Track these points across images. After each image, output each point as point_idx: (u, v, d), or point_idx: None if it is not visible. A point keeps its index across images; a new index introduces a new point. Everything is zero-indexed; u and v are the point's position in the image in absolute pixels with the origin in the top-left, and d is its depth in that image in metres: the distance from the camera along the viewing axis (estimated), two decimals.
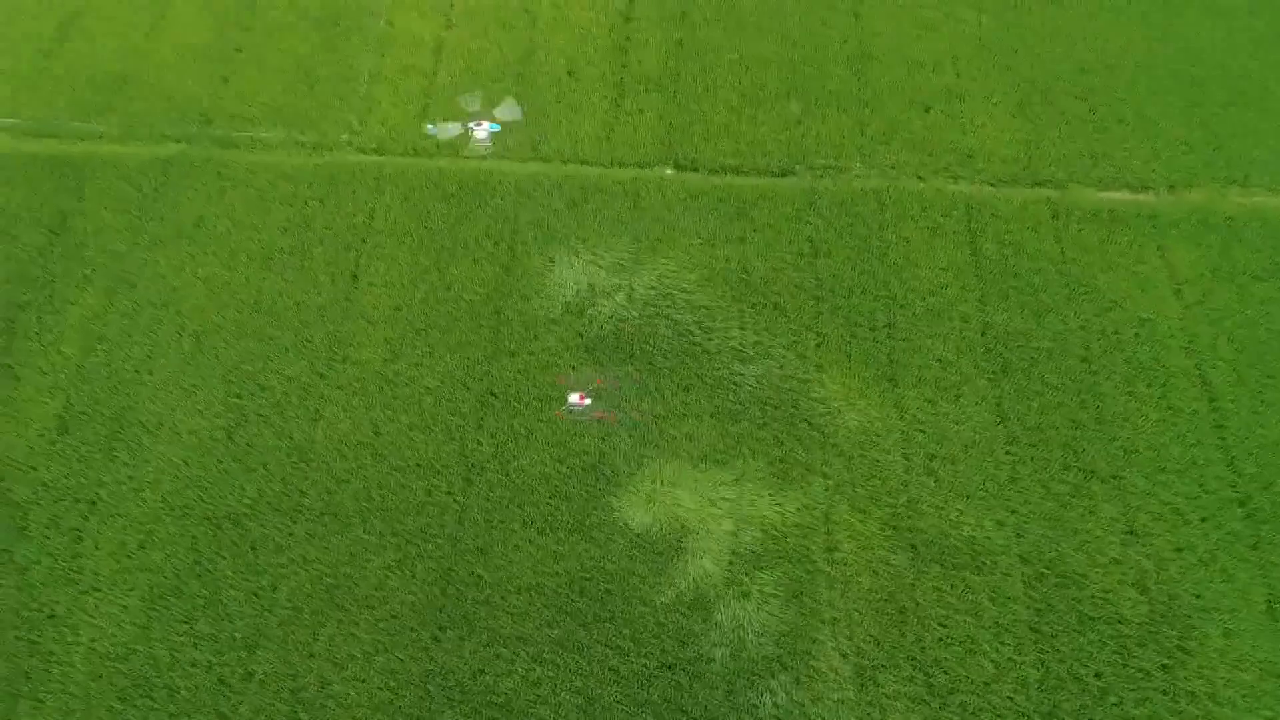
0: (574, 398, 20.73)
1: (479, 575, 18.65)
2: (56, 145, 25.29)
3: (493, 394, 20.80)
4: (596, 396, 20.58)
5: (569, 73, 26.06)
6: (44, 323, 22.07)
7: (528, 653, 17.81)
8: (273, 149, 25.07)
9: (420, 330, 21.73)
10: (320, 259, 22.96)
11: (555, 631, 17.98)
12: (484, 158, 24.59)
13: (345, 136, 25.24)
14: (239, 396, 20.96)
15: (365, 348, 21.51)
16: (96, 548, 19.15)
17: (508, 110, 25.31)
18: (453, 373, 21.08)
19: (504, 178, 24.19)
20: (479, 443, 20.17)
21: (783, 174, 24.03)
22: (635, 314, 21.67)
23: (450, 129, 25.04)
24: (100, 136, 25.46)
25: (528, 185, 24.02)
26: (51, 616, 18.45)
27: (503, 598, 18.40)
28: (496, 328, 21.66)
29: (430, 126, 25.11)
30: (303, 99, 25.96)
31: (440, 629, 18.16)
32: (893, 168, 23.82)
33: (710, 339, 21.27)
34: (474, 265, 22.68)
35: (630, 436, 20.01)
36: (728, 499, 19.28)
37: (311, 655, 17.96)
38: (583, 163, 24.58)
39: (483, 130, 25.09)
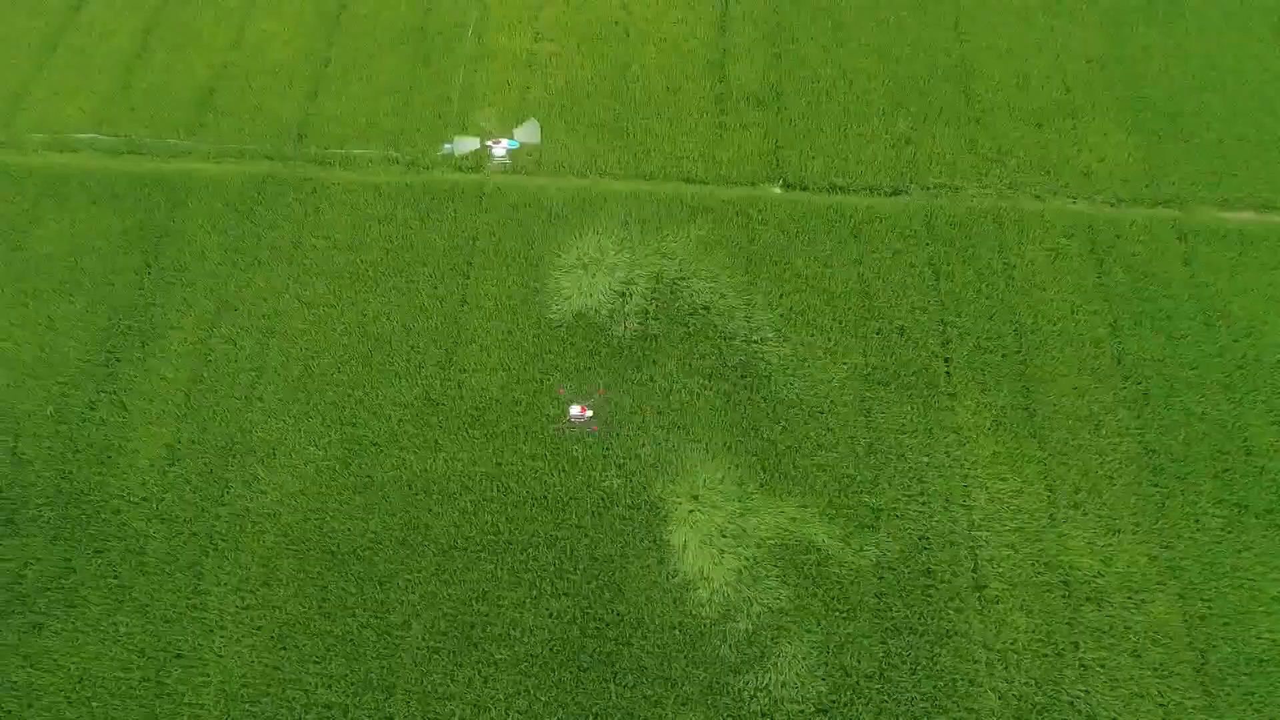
0: (574, 410, 20.27)
1: (617, 613, 18.08)
2: (145, 163, 24.68)
3: (615, 421, 20.23)
4: (597, 409, 20.22)
5: (667, 88, 25.48)
6: (147, 348, 21.47)
7: (675, 696, 17.25)
8: (367, 167, 24.47)
9: (535, 355, 21.14)
10: (425, 281, 22.36)
11: (703, 673, 17.41)
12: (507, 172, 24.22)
13: (441, 153, 24.64)
14: (353, 424, 20.38)
15: (479, 373, 20.93)
16: (219, 584, 18.58)
17: (528, 132, 24.80)
18: (570, 399, 20.48)
19: (607, 195, 23.60)
20: (604, 473, 19.60)
21: (894, 193, 23.46)
22: (757, 338, 21.10)
23: (467, 146, 24.49)
24: (189, 154, 24.84)
25: (632, 203, 23.43)
26: (178, 656, 17.88)
27: (644, 637, 17.83)
28: (613, 352, 21.07)
29: (447, 145, 24.54)
30: (395, 115, 25.35)
31: (581, 669, 17.59)
32: (1010, 187, 23.25)
33: (836, 364, 20.71)
34: (583, 288, 22.08)
35: (764, 469, 19.45)
36: (868, 532, 18.72)
37: (449, 697, 17.40)
38: (686, 180, 24.00)
39: (500, 148, 24.53)
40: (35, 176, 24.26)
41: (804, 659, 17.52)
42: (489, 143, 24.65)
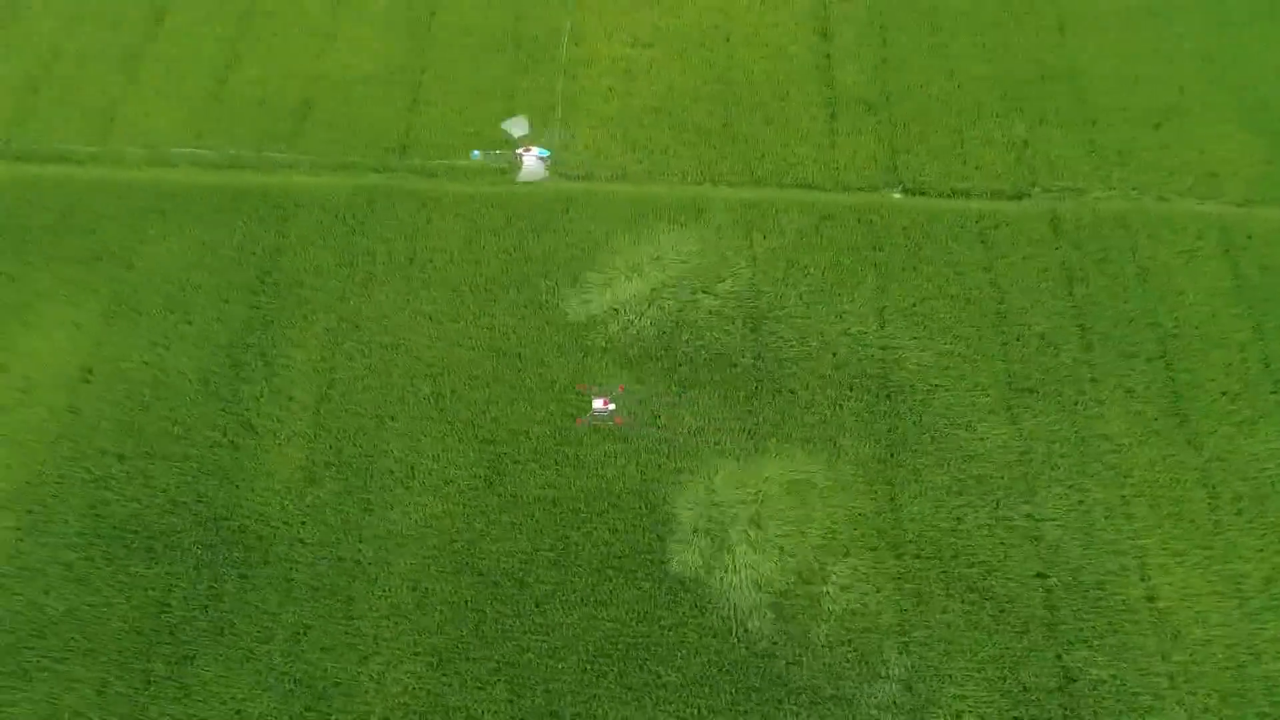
0: (598, 403, 20.11)
1: (785, 632, 17.73)
2: (246, 176, 24.19)
3: (751, 433, 19.87)
4: (619, 402, 20.14)
5: (774, 93, 25.11)
6: (270, 367, 21.02)
7: (851, 716, 16.91)
8: (475, 177, 24.05)
9: (669, 369, 20.76)
10: (546, 292, 21.93)
11: (878, 691, 17.07)
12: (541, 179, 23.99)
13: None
14: (491, 442, 19.97)
15: (615, 387, 20.53)
16: (371, 609, 18.15)
17: (517, 125, 24.53)
18: (713, 413, 20.12)
19: (719, 202, 23.20)
20: (758, 490, 19.23)
21: (1017, 197, 23.16)
22: (894, 345, 20.76)
23: (497, 156, 24.24)
24: (291, 166, 24.38)
25: (750, 211, 23.04)
26: (337, 684, 17.45)
27: (814, 656, 17.48)
28: (751, 364, 20.71)
29: (476, 153, 24.19)
30: (498, 125, 24.90)
31: (751, 690, 17.23)
32: (1134, 189, 22.97)
33: (978, 371, 20.39)
34: (711, 298, 21.71)
35: (918, 482, 19.12)
36: (1031, 543, 18.40)
37: None
38: (802, 186, 23.64)
39: (530, 156, 24.20)
40: (137, 192, 23.78)
41: (980, 674, 17.19)
42: (519, 151, 24.27)
